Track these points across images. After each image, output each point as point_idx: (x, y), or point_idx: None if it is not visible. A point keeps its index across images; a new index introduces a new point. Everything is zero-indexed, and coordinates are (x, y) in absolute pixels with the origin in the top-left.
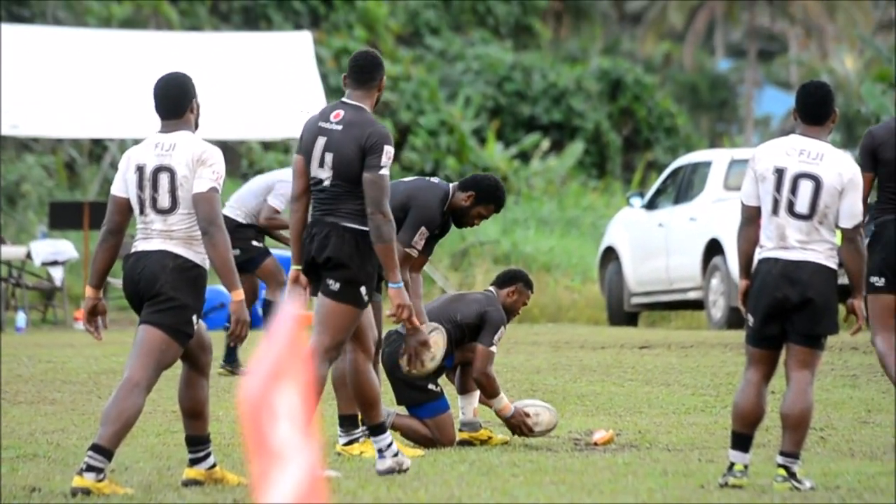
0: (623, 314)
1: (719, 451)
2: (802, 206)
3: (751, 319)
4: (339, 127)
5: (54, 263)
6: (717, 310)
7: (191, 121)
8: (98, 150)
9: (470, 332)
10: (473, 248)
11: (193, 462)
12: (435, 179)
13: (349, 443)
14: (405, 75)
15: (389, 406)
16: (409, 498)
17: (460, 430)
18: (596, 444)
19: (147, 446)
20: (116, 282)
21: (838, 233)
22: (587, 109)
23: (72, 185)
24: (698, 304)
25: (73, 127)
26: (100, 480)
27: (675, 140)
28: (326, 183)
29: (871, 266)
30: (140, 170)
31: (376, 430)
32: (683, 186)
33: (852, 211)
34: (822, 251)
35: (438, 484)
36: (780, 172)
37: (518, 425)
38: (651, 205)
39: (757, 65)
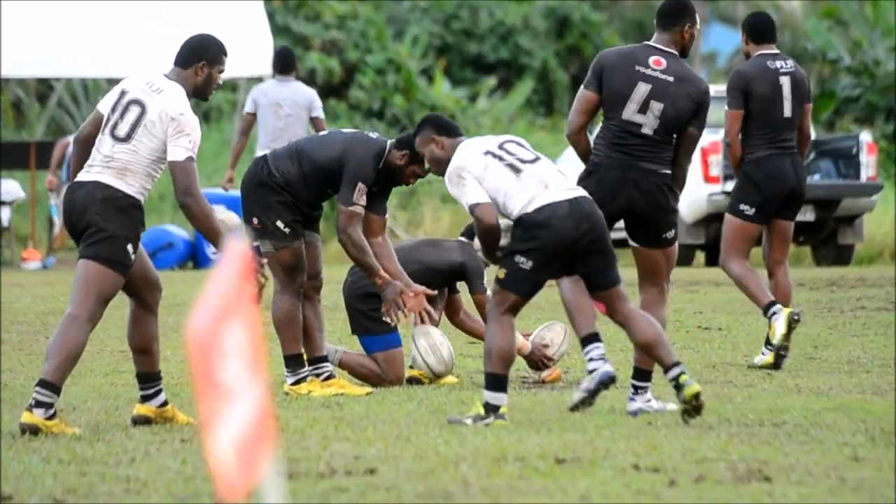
0: None
1: (667, 387)
2: (654, 125)
3: (528, 263)
4: (670, 78)
5: (0, 203)
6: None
7: (192, 80)
8: (44, 90)
9: (440, 277)
10: (421, 187)
11: (144, 399)
12: (374, 134)
13: (296, 382)
14: (352, 14)
15: (338, 344)
16: (357, 436)
17: (410, 368)
18: (544, 381)
19: (94, 386)
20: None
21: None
22: (534, 47)
23: (18, 125)
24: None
25: (21, 66)
26: (50, 418)
27: None
28: (646, 131)
29: (745, 195)
30: (122, 94)
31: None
32: None
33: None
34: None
35: (387, 422)
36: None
37: (539, 360)
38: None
39: (704, 2)
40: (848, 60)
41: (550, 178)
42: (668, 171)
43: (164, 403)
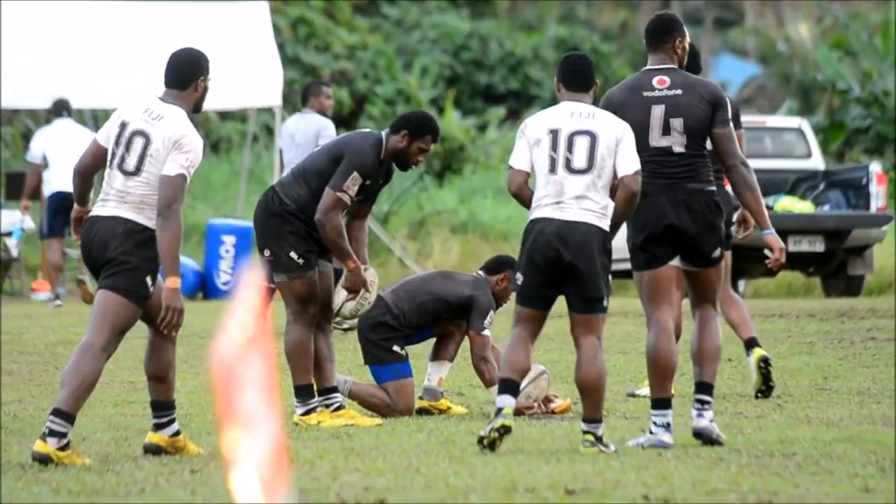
0: None
1: (676, 418)
2: (580, 160)
3: (520, 278)
4: (678, 91)
5: (11, 234)
6: None
7: (191, 99)
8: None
9: (451, 309)
10: (431, 218)
11: (157, 427)
12: (366, 130)
13: (306, 413)
14: (362, 44)
15: (347, 375)
16: (366, 467)
17: (420, 398)
18: (553, 412)
19: (105, 416)
20: (74, 252)
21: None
22: (544, 78)
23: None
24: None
25: (34, 98)
26: (62, 448)
27: None
28: (678, 150)
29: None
30: (123, 126)
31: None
32: None
33: (631, 159)
34: (594, 213)
35: (396, 453)
36: (554, 133)
37: (521, 412)
38: None
39: (713, 33)
40: (858, 91)
41: (571, 193)
42: (713, 189)
43: (177, 433)
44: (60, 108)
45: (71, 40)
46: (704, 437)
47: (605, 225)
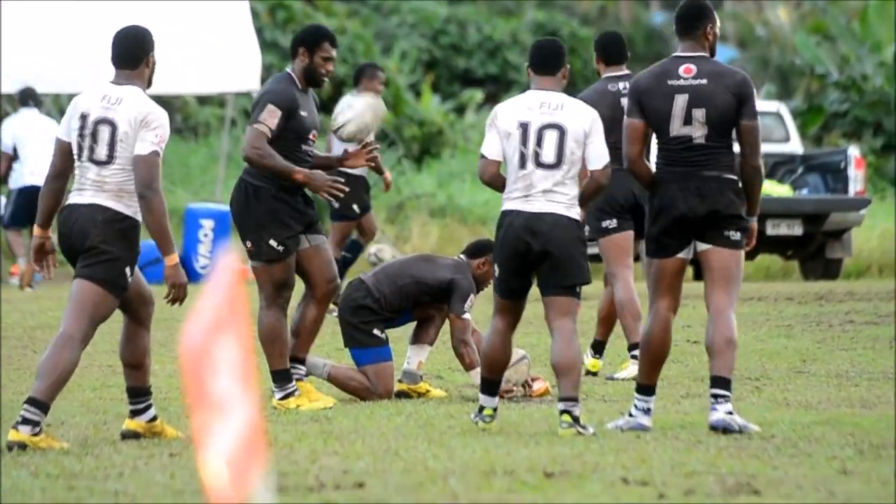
0: None
1: (659, 401)
2: (549, 155)
3: (496, 270)
4: (704, 81)
5: None
6: None
7: (144, 76)
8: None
9: (432, 293)
10: (409, 202)
11: (134, 413)
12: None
13: (284, 397)
14: (340, 29)
15: (326, 358)
16: (345, 450)
17: (399, 381)
18: (532, 395)
19: (83, 401)
20: (52, 236)
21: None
22: (522, 62)
23: None
24: (635, 256)
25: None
26: (36, 434)
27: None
28: (698, 140)
29: (602, 213)
30: (84, 118)
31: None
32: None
33: (599, 152)
34: (562, 204)
35: (375, 436)
36: (524, 126)
37: (501, 396)
38: None
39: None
40: (836, 75)
41: (540, 188)
42: (733, 177)
43: (154, 418)
44: (26, 98)
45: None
46: (720, 431)
47: (574, 214)
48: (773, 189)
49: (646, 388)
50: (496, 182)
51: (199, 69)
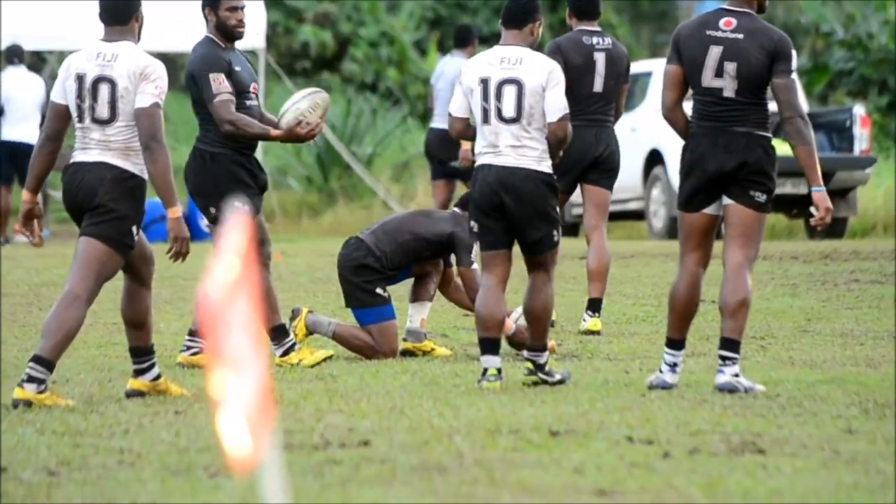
0: (564, 224)
1: (660, 360)
2: (510, 109)
3: (474, 225)
4: (740, 35)
5: None
6: (658, 220)
7: (135, 30)
8: (36, 62)
9: (432, 248)
10: (415, 160)
11: (138, 373)
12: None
13: (285, 353)
14: None
15: (331, 316)
16: (350, 408)
17: (404, 340)
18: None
19: (88, 358)
20: (56, 194)
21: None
22: None
23: None
24: (639, 215)
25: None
26: (41, 392)
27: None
28: (728, 94)
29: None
30: (80, 79)
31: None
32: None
33: (556, 105)
34: (532, 157)
35: (381, 394)
36: (484, 82)
37: (522, 342)
38: None
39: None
40: (841, 34)
41: (506, 142)
42: (765, 134)
43: (158, 377)
44: (12, 55)
45: None
46: (726, 392)
47: (546, 167)
48: (778, 147)
49: (673, 342)
50: (465, 136)
51: (204, 27)
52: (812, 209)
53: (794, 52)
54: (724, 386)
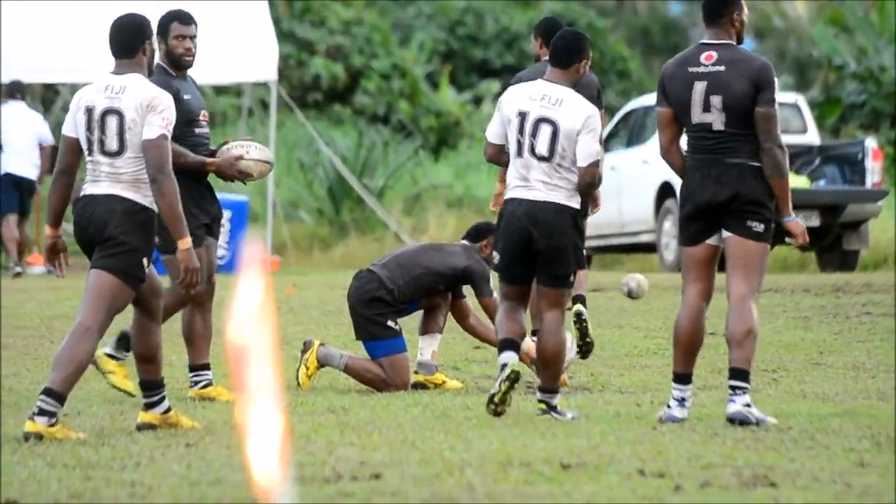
0: None
1: (659, 394)
2: (542, 148)
3: (497, 257)
4: (722, 68)
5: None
6: (670, 252)
7: (143, 63)
8: (50, 95)
9: (446, 282)
10: (427, 192)
11: (148, 406)
12: None
13: (204, 386)
14: (357, 19)
15: (342, 349)
16: (362, 441)
17: (415, 373)
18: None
19: (99, 391)
20: (67, 226)
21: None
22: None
23: None
24: (650, 247)
25: (27, 72)
26: (52, 425)
27: (627, 84)
28: (718, 127)
29: None
30: (89, 111)
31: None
32: (636, 130)
33: (587, 151)
34: (563, 192)
35: (392, 427)
36: (522, 116)
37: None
38: (604, 148)
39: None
40: (853, 67)
41: (536, 177)
42: (759, 164)
43: (168, 410)
44: (14, 91)
45: (56, 14)
46: (737, 423)
47: (575, 203)
48: (790, 180)
49: (680, 376)
50: (498, 161)
51: (216, 59)
52: (788, 239)
53: (776, 80)
54: (736, 416)
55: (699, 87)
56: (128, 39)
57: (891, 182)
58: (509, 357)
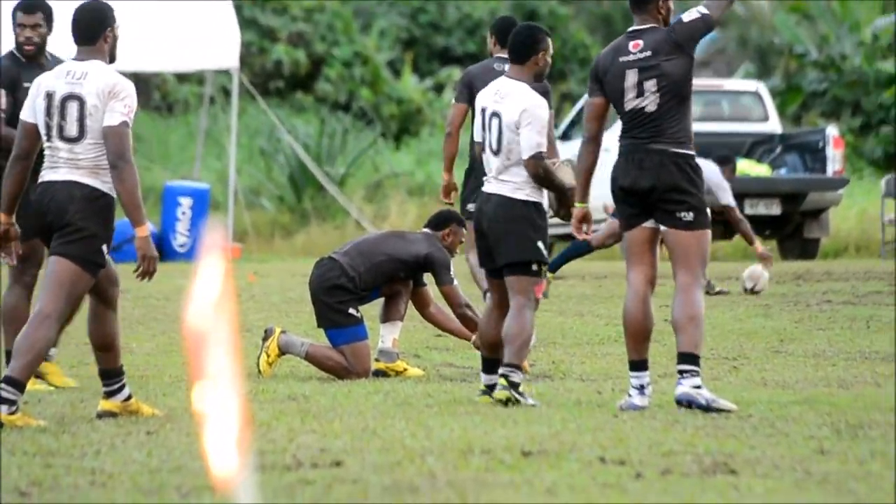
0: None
1: (620, 381)
2: (494, 142)
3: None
4: (649, 53)
5: None
6: None
7: (104, 50)
8: None
9: (407, 269)
10: (388, 180)
11: (108, 394)
12: None
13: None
14: (319, 6)
15: (304, 337)
16: (323, 428)
17: (376, 360)
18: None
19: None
20: None
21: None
22: None
23: None
24: None
25: None
26: (12, 413)
27: (588, 72)
28: (651, 109)
29: (469, 191)
30: (49, 96)
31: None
32: None
33: (527, 143)
34: (510, 185)
35: (353, 414)
36: (483, 112)
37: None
38: (565, 136)
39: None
40: (815, 55)
41: (492, 172)
42: (682, 150)
43: (129, 397)
44: None
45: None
46: (685, 405)
47: (522, 195)
48: (751, 168)
49: (635, 363)
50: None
51: (177, 46)
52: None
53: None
54: (682, 397)
55: (631, 77)
56: (89, 26)
57: (851, 170)
58: (484, 380)
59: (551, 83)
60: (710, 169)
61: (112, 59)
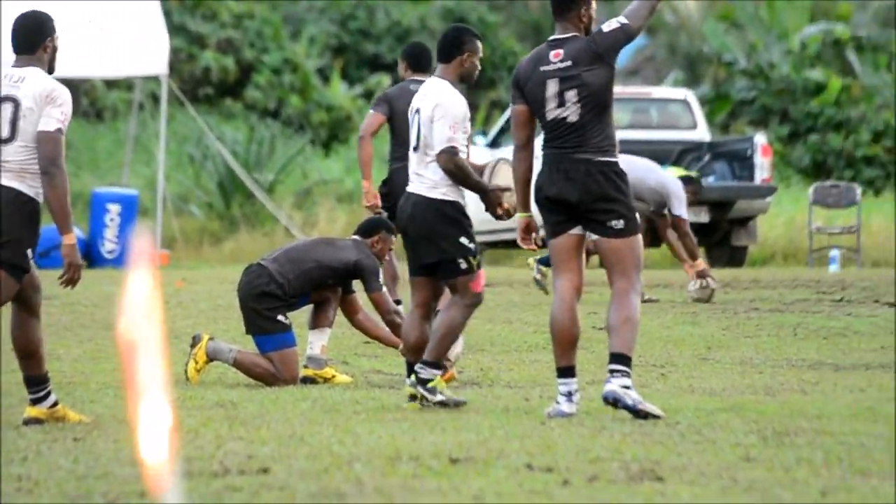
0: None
1: (541, 388)
2: (414, 139)
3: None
4: (569, 62)
5: None
6: None
7: (44, 59)
8: None
9: (336, 276)
10: (317, 187)
11: (35, 401)
12: None
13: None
14: (249, 13)
15: (232, 343)
16: (250, 435)
17: (304, 367)
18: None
19: None
20: None
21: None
22: (431, 48)
23: None
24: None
25: None
26: None
27: None
28: (572, 119)
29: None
30: None
31: None
32: None
33: (438, 137)
34: (427, 182)
35: (281, 421)
36: (413, 112)
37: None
38: (494, 143)
39: (600, 3)
40: (743, 63)
41: (413, 170)
42: (606, 159)
43: (55, 404)
44: None
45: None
46: (611, 402)
47: (438, 194)
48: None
49: (562, 370)
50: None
51: (106, 52)
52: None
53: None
54: (609, 395)
55: (552, 87)
56: (28, 36)
57: (779, 178)
58: (408, 382)
59: (481, 90)
60: (670, 178)
61: (51, 70)
